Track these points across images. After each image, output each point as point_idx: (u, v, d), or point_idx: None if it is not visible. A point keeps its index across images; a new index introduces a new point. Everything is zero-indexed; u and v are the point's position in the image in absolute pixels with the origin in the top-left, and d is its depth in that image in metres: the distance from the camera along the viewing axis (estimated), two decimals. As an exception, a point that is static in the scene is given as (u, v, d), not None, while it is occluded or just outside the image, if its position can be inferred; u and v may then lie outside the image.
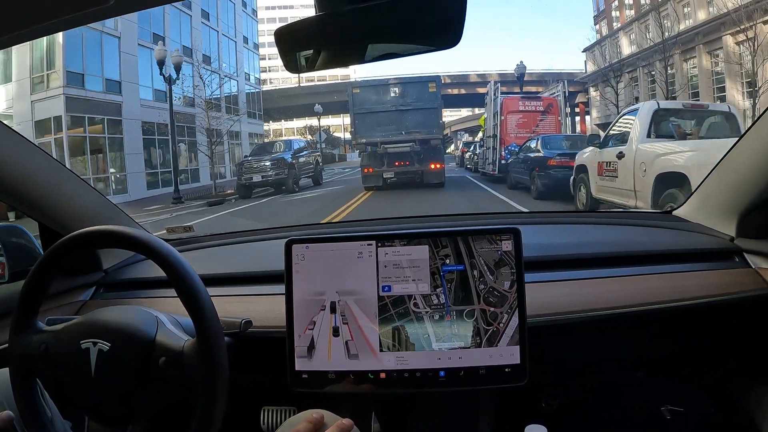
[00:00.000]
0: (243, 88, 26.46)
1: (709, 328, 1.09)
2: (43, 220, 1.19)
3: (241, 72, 26.16)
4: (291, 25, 0.76)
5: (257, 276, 1.20)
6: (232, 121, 19.59)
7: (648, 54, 20.31)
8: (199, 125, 17.57)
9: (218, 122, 18.16)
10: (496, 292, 0.91)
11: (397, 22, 0.72)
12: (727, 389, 1.19)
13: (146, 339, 0.79)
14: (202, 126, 17.38)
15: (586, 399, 1.25)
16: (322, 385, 0.93)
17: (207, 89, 18.45)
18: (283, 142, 16.19)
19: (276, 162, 13.81)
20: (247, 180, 13.87)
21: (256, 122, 28.93)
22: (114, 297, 1.25)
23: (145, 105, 17.53)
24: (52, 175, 1.15)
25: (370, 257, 0.94)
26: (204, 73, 18.89)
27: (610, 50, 24.03)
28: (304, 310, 0.94)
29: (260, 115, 30.05)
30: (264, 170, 13.70)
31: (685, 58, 18.79)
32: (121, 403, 0.78)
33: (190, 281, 0.76)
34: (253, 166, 13.96)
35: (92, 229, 0.81)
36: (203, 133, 17.31)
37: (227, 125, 18.92)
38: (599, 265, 1.12)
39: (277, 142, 16.97)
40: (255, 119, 28.71)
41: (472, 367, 0.91)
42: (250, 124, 27.06)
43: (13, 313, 0.82)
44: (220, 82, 21.09)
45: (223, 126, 18.65)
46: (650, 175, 5.27)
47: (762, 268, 1.06)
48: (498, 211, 7.06)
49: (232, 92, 24.61)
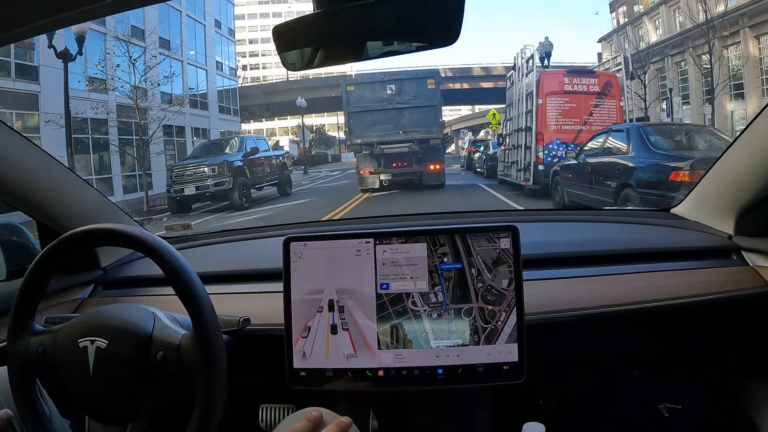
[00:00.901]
0: (214, 79, 22.90)
1: (707, 326, 1.09)
2: (41, 218, 1.19)
3: (211, 61, 22.70)
4: (289, 23, 0.76)
5: (255, 274, 1.20)
6: (169, 113, 15.25)
7: (679, 41, 17.34)
8: (119, 119, 14.01)
9: (164, 116, 14.84)
10: (494, 291, 0.91)
11: (396, 19, 0.72)
12: (725, 387, 1.19)
13: (143, 334, 0.79)
14: (129, 120, 13.87)
15: (584, 397, 1.25)
16: (321, 383, 0.93)
17: (136, 74, 14.14)
18: (239, 140, 12.72)
19: (218, 167, 10.26)
20: (178, 192, 10.36)
21: (230, 118, 25.17)
22: (112, 295, 1.24)
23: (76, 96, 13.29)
24: (50, 172, 1.14)
25: (368, 255, 0.94)
26: (155, 59, 15.04)
27: (632, 38, 21.21)
28: (302, 307, 0.94)
29: (236, 111, 26.15)
30: (201, 178, 10.24)
31: (725, 44, 15.67)
32: (120, 400, 0.78)
33: (187, 279, 0.76)
34: (186, 174, 10.46)
35: (90, 227, 0.81)
36: (130, 129, 14.18)
37: (160, 118, 14.81)
38: (597, 262, 1.12)
39: (231, 140, 13.22)
40: (229, 115, 25.07)
41: (470, 365, 0.91)
42: (222, 121, 23.55)
43: (11, 315, 0.81)
44: (181, 70, 17.93)
45: (153, 119, 14.67)
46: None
47: (760, 266, 1.07)
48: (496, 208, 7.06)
49: (199, 83, 21.09)
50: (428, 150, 11.73)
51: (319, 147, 39.34)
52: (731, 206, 1.12)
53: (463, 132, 37.70)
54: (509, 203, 8.84)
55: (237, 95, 26.81)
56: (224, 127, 23.43)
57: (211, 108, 22.58)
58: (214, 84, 23.06)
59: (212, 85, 22.84)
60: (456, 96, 31.30)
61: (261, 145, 12.73)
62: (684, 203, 1.30)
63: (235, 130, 25.07)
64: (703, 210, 1.22)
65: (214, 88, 23.09)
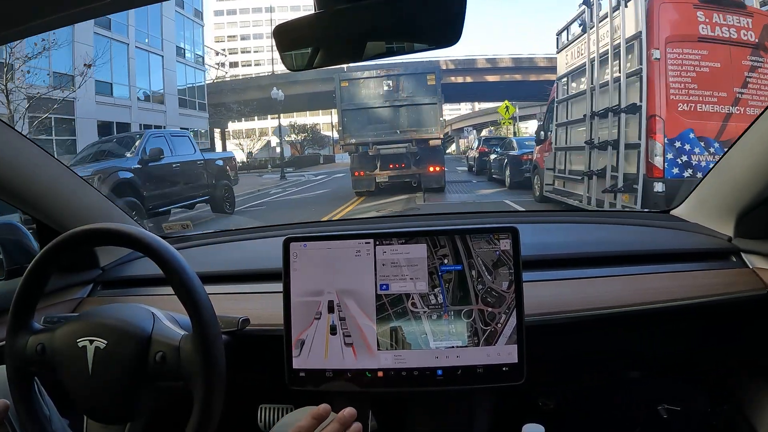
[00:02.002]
0: (173, 67, 19.41)
1: (706, 328, 1.09)
2: (41, 217, 1.19)
3: (169, 46, 19.27)
4: (290, 23, 0.76)
5: (255, 274, 1.20)
6: (116, 107, 13.07)
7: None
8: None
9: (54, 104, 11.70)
10: (494, 293, 0.91)
11: (397, 19, 0.72)
12: (724, 388, 1.19)
13: (143, 335, 0.79)
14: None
15: (583, 398, 1.25)
16: (320, 383, 0.93)
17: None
18: (144, 138, 8.27)
19: (98, 178, 6.73)
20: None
21: (194, 114, 21.48)
22: (111, 294, 1.24)
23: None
24: (50, 172, 1.14)
25: (368, 255, 0.94)
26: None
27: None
28: (302, 308, 0.94)
29: (202, 106, 22.30)
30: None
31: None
32: (119, 400, 0.78)
33: (186, 278, 0.76)
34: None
35: (89, 226, 0.81)
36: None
37: (50, 107, 11.76)
38: (597, 264, 1.12)
39: (136, 139, 8.50)
40: (193, 110, 21.43)
41: (469, 366, 0.91)
42: (184, 117, 20.06)
43: (10, 313, 0.81)
44: (128, 55, 14.98)
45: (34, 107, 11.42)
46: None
47: (759, 268, 1.07)
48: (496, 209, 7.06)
49: (152, 71, 17.89)
50: (428, 151, 10.97)
51: (313, 147, 37.75)
52: (731, 208, 1.12)
53: (467, 130, 36.13)
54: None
55: (204, 87, 23.12)
56: (186, 124, 19.90)
57: (169, 102, 19.27)
58: (173, 73, 19.49)
59: (170, 74, 19.28)
60: (458, 90, 29.12)
61: (180, 146, 8.75)
62: (684, 205, 1.30)
63: (202, 128, 22.22)
64: (703, 212, 1.22)
65: (173, 77, 19.60)
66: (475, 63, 28.06)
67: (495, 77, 27.26)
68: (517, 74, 26.49)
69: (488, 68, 27.69)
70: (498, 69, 27.50)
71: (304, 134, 37.65)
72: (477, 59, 28.58)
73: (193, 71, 22.05)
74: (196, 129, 21.19)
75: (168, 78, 19.21)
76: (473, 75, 27.56)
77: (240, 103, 27.14)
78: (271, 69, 34.34)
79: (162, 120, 18.38)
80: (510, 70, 27.12)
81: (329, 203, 10.36)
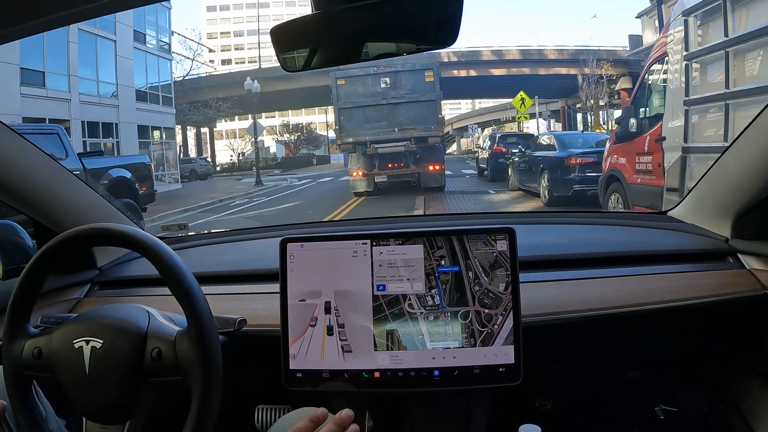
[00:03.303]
0: (129, 54, 16.30)
1: (703, 329, 1.10)
2: (38, 217, 1.19)
3: (124, 30, 16.20)
4: (287, 24, 0.76)
5: (252, 274, 1.20)
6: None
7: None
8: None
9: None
10: (491, 294, 0.92)
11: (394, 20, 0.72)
12: (721, 389, 1.19)
13: (138, 332, 0.80)
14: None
15: (580, 399, 1.25)
16: (317, 384, 0.93)
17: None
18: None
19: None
20: None
21: (157, 110, 18.36)
22: (108, 295, 1.24)
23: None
24: (47, 172, 1.14)
25: (365, 256, 0.94)
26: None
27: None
28: (299, 308, 0.94)
29: (167, 100, 19.33)
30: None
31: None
32: (117, 399, 0.78)
33: (183, 279, 0.76)
34: None
35: (87, 226, 0.81)
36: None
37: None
38: (593, 265, 1.12)
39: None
40: (156, 105, 18.42)
41: (466, 367, 0.91)
42: (142, 112, 17.12)
43: (6, 315, 0.81)
44: (68, 38, 12.34)
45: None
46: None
47: (756, 269, 1.07)
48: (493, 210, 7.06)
49: (100, 57, 15.03)
50: (427, 149, 10.79)
51: (307, 147, 36.49)
52: (728, 209, 1.12)
53: (472, 128, 34.40)
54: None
55: (171, 79, 20.36)
56: (147, 121, 17.55)
57: (124, 95, 16.17)
58: (128, 62, 16.26)
59: (125, 63, 16.09)
60: (460, 85, 26.82)
61: (49, 146, 5.72)
62: (681, 206, 1.31)
63: (166, 125, 19.39)
64: (700, 213, 1.23)
65: (129, 67, 16.33)
66: (479, 55, 25.77)
67: (501, 71, 25.33)
68: (525, 68, 24.83)
69: (494, 61, 25.49)
70: (504, 62, 25.38)
71: (298, 133, 36.46)
72: (482, 51, 26.10)
73: (156, 60, 18.87)
74: (160, 126, 18.79)
75: (123, 67, 15.98)
76: (477, 68, 25.58)
77: (222, 100, 25.30)
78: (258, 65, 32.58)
79: (113, 116, 15.47)
80: (517, 63, 25.15)
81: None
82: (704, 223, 1.21)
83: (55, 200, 1.17)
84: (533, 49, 25.96)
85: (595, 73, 20.94)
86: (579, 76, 21.94)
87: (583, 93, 21.71)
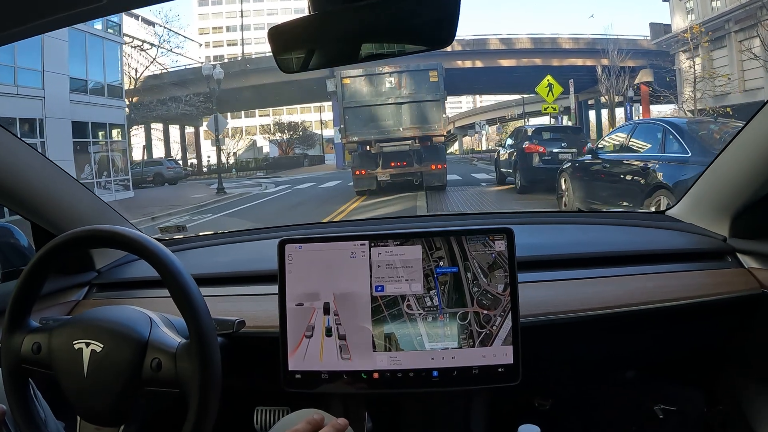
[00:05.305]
0: (61, 35, 12.89)
1: (701, 328, 1.10)
2: (36, 219, 1.18)
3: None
4: (284, 25, 0.76)
5: (250, 276, 1.20)
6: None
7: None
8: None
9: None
10: (490, 295, 0.92)
11: (391, 21, 0.72)
12: (720, 388, 1.20)
13: (140, 340, 0.79)
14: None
15: (579, 398, 1.25)
16: (316, 385, 0.93)
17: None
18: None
19: None
20: None
21: (101, 102, 15.33)
22: (107, 297, 1.24)
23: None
24: (45, 174, 1.14)
25: (363, 257, 0.94)
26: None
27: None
28: (297, 310, 0.94)
29: (115, 91, 16.32)
30: None
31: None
32: (113, 403, 0.78)
33: (182, 281, 0.76)
34: None
35: (85, 228, 0.81)
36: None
37: None
38: (592, 265, 1.12)
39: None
40: (101, 97, 15.36)
41: (465, 367, 0.91)
42: (79, 105, 14.15)
43: (6, 312, 0.81)
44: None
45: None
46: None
47: (754, 268, 1.07)
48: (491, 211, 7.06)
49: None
50: (430, 148, 10.77)
51: (301, 147, 34.96)
52: (726, 208, 1.12)
53: (479, 124, 31.47)
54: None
55: (120, 66, 17.28)
56: (85, 116, 14.47)
57: (52, 83, 13.16)
58: (61, 43, 13.23)
59: (56, 45, 12.98)
60: (464, 77, 23.87)
61: None
62: (679, 205, 1.31)
63: (113, 122, 16.40)
64: (698, 212, 1.23)
65: (61, 50, 13.33)
66: (486, 44, 23.04)
67: (510, 61, 22.79)
68: (537, 58, 22.18)
69: (502, 50, 22.86)
70: (514, 51, 22.78)
71: (291, 132, 35.02)
72: (489, 39, 23.34)
73: (101, 43, 15.49)
74: (104, 122, 15.81)
75: (51, 51, 12.87)
76: (484, 59, 22.80)
77: (195, 95, 22.31)
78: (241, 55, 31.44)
79: (38, 110, 12.54)
80: (528, 53, 22.59)
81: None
82: (702, 223, 1.21)
83: (53, 202, 1.17)
84: (546, 38, 23.60)
85: (616, 64, 18.68)
86: (598, 67, 19.45)
87: (603, 86, 19.28)
